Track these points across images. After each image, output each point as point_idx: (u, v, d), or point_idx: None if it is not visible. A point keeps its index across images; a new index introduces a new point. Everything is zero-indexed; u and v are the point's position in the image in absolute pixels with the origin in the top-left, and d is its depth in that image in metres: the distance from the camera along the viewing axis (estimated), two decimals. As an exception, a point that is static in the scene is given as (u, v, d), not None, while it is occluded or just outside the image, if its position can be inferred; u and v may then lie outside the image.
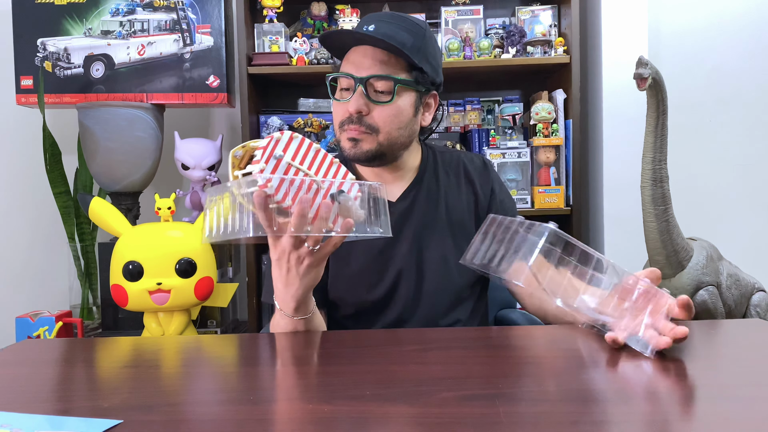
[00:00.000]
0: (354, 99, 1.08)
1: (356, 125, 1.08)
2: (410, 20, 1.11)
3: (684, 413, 0.63)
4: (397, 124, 1.10)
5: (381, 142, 1.10)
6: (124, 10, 2.05)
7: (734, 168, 2.29)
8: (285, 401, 0.70)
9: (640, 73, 1.45)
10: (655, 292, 0.82)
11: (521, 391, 0.69)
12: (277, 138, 0.84)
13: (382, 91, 1.08)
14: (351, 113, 1.08)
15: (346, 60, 1.12)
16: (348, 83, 1.10)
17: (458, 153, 1.29)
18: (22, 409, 0.65)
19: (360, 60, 1.09)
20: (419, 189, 1.19)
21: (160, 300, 1.68)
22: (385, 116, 1.09)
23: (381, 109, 1.08)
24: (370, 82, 1.07)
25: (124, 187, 2.02)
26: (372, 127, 1.09)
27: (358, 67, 1.08)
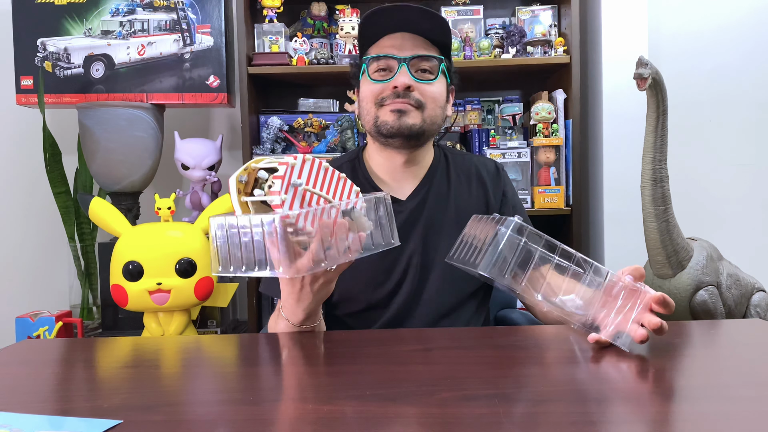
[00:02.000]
0: (401, 74, 1.11)
1: (404, 99, 1.11)
2: (439, 16, 1.15)
3: (684, 413, 0.63)
4: (438, 103, 1.15)
5: (425, 118, 1.13)
6: (124, 10, 2.05)
7: (734, 168, 2.29)
8: (285, 401, 0.70)
9: (640, 73, 1.45)
10: (637, 289, 0.83)
11: (521, 391, 0.69)
12: (292, 164, 0.83)
13: (425, 69, 1.13)
14: (399, 88, 1.11)
15: (380, 46, 1.15)
16: (387, 64, 1.13)
17: (471, 156, 1.30)
18: (22, 409, 0.65)
19: (400, 43, 1.13)
20: (429, 188, 1.21)
21: (160, 300, 1.68)
22: (430, 93, 1.13)
23: (426, 86, 1.13)
24: (414, 61, 1.12)
25: (124, 187, 2.02)
26: (419, 102, 1.12)
27: (399, 49, 1.13)
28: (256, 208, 0.85)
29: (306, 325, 0.96)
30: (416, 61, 1.12)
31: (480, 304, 1.22)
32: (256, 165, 0.85)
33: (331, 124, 2.15)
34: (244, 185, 0.85)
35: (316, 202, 0.85)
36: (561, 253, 0.84)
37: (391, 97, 1.12)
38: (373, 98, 1.14)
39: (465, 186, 1.23)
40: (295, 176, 0.83)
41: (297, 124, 2.15)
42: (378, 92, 1.14)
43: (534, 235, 0.84)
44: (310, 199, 0.85)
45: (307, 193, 0.84)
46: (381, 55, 1.13)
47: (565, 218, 2.08)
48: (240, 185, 0.85)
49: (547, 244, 0.84)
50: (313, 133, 2.18)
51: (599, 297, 0.84)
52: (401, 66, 1.11)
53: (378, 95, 1.14)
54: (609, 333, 0.82)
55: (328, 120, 2.16)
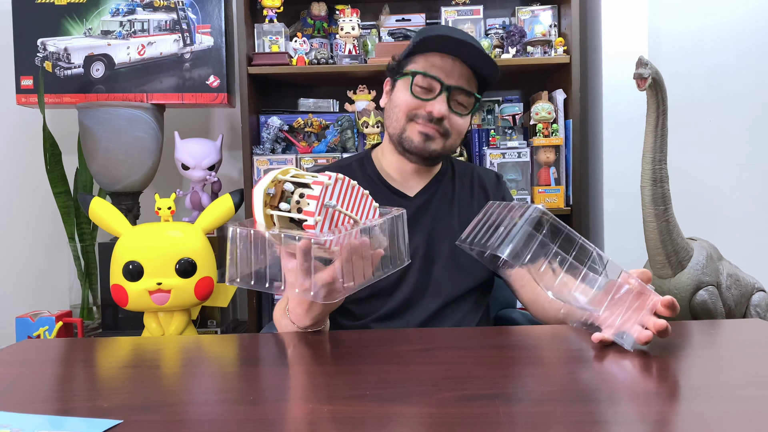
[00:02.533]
0: (440, 103, 1.15)
1: (435, 125, 1.16)
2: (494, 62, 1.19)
3: (684, 413, 0.63)
4: (462, 134, 1.22)
5: (446, 145, 1.20)
6: (124, 10, 2.05)
7: (734, 168, 2.29)
8: (285, 401, 0.70)
9: (640, 73, 1.45)
10: (644, 291, 0.84)
11: (521, 391, 0.69)
12: (328, 184, 0.82)
13: (462, 103, 1.18)
14: (435, 115, 1.15)
15: (429, 63, 1.17)
16: (429, 84, 1.16)
17: (473, 166, 1.37)
18: (22, 409, 0.65)
19: (450, 68, 1.16)
20: (437, 189, 1.27)
21: (160, 300, 1.68)
22: (459, 125, 1.19)
23: (457, 119, 1.18)
24: (456, 92, 1.16)
25: (124, 187, 2.02)
26: (446, 132, 1.18)
27: (447, 75, 1.15)
28: (280, 223, 0.85)
29: (312, 329, 0.97)
30: (457, 92, 1.16)
31: (480, 297, 1.25)
32: (283, 177, 0.85)
33: (331, 124, 2.15)
34: (271, 198, 0.85)
35: (343, 222, 0.86)
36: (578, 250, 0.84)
37: (423, 117, 1.16)
38: (406, 110, 1.18)
39: (467, 190, 1.30)
40: (328, 197, 0.83)
41: (297, 124, 2.15)
42: (413, 107, 1.17)
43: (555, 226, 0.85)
44: (338, 219, 0.85)
45: (336, 213, 0.85)
46: (427, 74, 1.15)
47: (565, 218, 2.08)
48: (267, 198, 0.84)
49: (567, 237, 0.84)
50: (313, 133, 2.18)
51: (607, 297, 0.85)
52: (442, 92, 1.15)
53: (412, 110, 1.17)
54: (612, 332, 0.83)
55: (328, 120, 2.16)
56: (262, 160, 2.06)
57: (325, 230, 0.82)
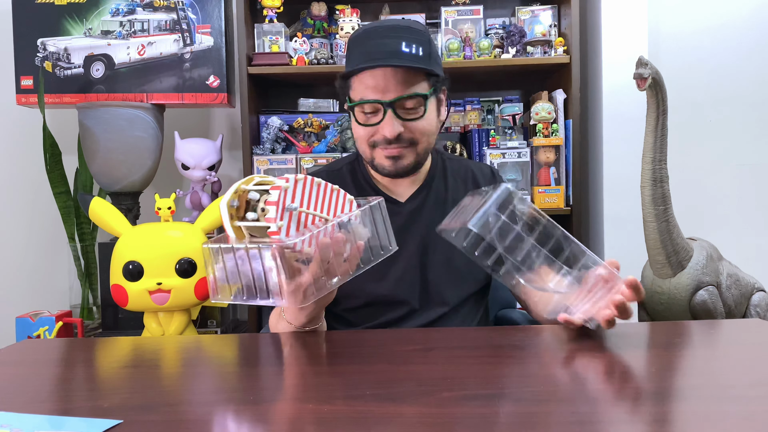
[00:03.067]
0: (388, 123, 1.08)
1: (395, 144, 1.10)
2: (414, 28, 1.11)
3: (684, 413, 0.63)
4: (430, 132, 1.14)
5: (419, 152, 1.14)
6: (124, 10, 2.05)
7: (734, 168, 2.29)
8: (285, 401, 0.70)
9: (640, 73, 1.45)
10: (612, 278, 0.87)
11: (521, 391, 0.69)
12: (285, 188, 0.81)
13: (411, 108, 1.10)
14: (389, 137, 1.09)
15: (363, 84, 1.10)
16: (373, 107, 1.10)
17: (467, 161, 1.32)
18: (22, 409, 0.65)
19: (384, 84, 1.08)
20: (428, 192, 1.22)
21: (160, 300, 1.68)
22: (420, 129, 1.12)
23: (415, 124, 1.11)
24: (399, 103, 1.08)
25: (124, 187, 2.02)
26: (411, 141, 1.12)
27: (383, 92, 1.08)
28: (251, 232, 0.84)
29: (308, 327, 0.97)
30: (401, 102, 1.08)
31: (479, 300, 1.24)
32: (246, 186, 0.84)
33: (331, 124, 2.15)
34: (236, 209, 0.84)
35: (312, 222, 0.84)
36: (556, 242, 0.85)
37: (382, 143, 1.11)
38: (365, 141, 1.13)
39: (462, 189, 1.24)
40: (289, 200, 0.81)
41: (297, 124, 2.15)
42: (368, 136, 1.12)
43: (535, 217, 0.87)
44: (305, 219, 0.83)
45: (302, 215, 0.83)
46: (364, 101, 1.09)
47: (565, 218, 2.08)
48: (232, 210, 0.83)
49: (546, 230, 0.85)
50: (313, 133, 2.18)
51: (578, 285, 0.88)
52: (387, 111, 1.08)
53: (370, 139, 1.12)
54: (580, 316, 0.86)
55: (328, 120, 2.16)
56: (262, 160, 2.06)
57: (292, 234, 0.81)
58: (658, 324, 1.03)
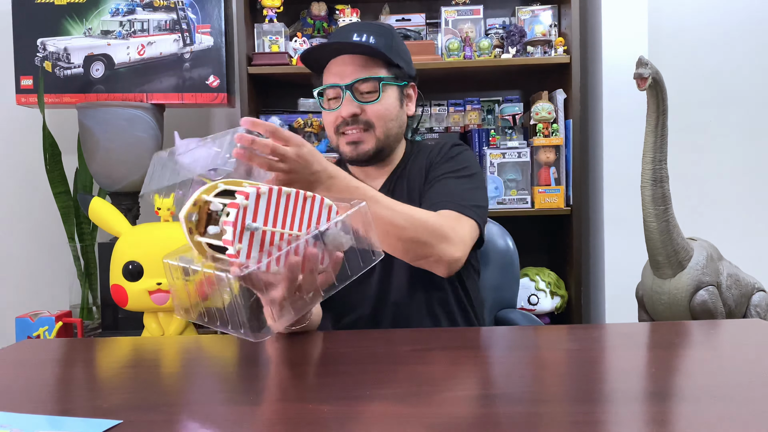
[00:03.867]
0: (344, 104, 1.16)
1: (353, 126, 1.17)
2: (376, 24, 1.20)
3: (684, 413, 0.63)
4: (389, 117, 1.19)
5: (378, 137, 1.18)
6: (124, 10, 2.05)
7: (734, 168, 2.29)
8: (285, 401, 0.70)
9: (640, 73, 1.45)
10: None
11: (521, 391, 0.69)
12: (244, 205, 0.71)
13: (368, 91, 1.17)
14: (345, 117, 1.16)
15: (328, 72, 1.20)
16: (335, 92, 1.18)
17: (434, 142, 1.36)
18: (22, 409, 0.65)
19: (341, 69, 1.17)
20: (399, 179, 1.24)
21: (160, 300, 1.68)
22: (376, 112, 1.17)
23: (371, 107, 1.17)
24: (355, 86, 1.16)
25: (124, 187, 2.02)
26: (368, 123, 1.17)
27: (341, 76, 1.17)
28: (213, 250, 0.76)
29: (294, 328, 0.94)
30: (357, 85, 1.16)
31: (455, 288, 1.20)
32: (207, 196, 0.75)
33: (331, 124, 2.14)
34: (196, 223, 0.76)
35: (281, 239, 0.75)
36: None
37: (343, 125, 1.17)
38: (331, 127, 1.20)
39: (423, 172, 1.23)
40: (249, 218, 0.72)
41: (297, 124, 2.15)
42: (333, 122, 1.19)
43: None
44: (272, 237, 0.74)
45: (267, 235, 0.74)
46: (325, 86, 1.19)
47: (565, 218, 2.08)
48: (191, 224, 0.76)
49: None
50: (313, 133, 2.17)
51: None
52: (345, 94, 1.16)
53: (334, 124, 1.19)
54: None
55: (328, 120, 2.15)
56: (262, 160, 2.06)
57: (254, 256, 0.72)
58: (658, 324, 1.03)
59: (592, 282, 2.20)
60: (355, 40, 1.17)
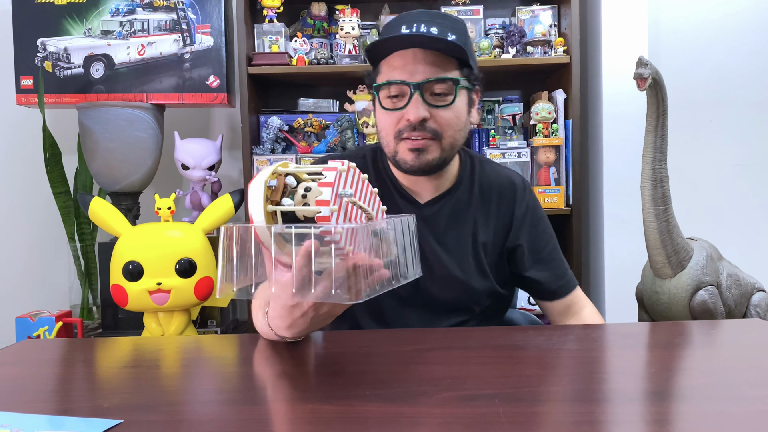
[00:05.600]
0: (413, 106, 1.01)
1: (420, 132, 1.02)
2: (450, 17, 1.07)
3: (684, 413, 0.63)
4: (458, 126, 1.06)
5: (444, 147, 1.05)
6: (124, 10, 2.05)
7: (734, 168, 2.29)
8: (285, 401, 0.70)
9: (640, 73, 1.45)
10: None
11: (521, 391, 0.69)
12: (341, 170, 0.72)
13: (440, 93, 1.03)
14: (413, 121, 1.01)
15: (390, 66, 1.04)
16: (399, 90, 1.03)
17: (498, 171, 1.20)
18: (22, 409, 0.65)
19: (412, 66, 1.01)
20: (450, 199, 1.14)
21: (160, 300, 1.68)
22: (447, 119, 1.04)
23: (443, 112, 1.03)
24: (427, 86, 1.02)
25: (124, 187, 2.02)
26: (436, 133, 1.03)
27: (411, 73, 1.02)
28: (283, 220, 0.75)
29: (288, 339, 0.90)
30: (430, 84, 1.02)
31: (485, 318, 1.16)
32: (284, 169, 0.75)
33: (331, 124, 2.14)
34: (272, 192, 0.74)
35: (356, 217, 0.75)
36: None
37: (407, 129, 1.03)
38: (390, 129, 1.05)
39: (485, 206, 1.15)
40: (342, 185, 0.72)
41: (297, 124, 2.15)
42: (393, 124, 1.04)
43: None
44: (352, 213, 0.74)
45: (350, 206, 0.74)
46: (390, 81, 1.03)
47: (565, 218, 2.08)
48: (268, 191, 0.73)
49: None
50: (313, 133, 2.18)
51: None
52: (414, 93, 1.01)
53: (394, 127, 1.04)
54: None
55: (328, 120, 2.15)
56: (262, 160, 2.06)
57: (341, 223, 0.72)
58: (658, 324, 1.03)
59: (592, 282, 2.20)
60: (432, 33, 1.01)
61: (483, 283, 1.12)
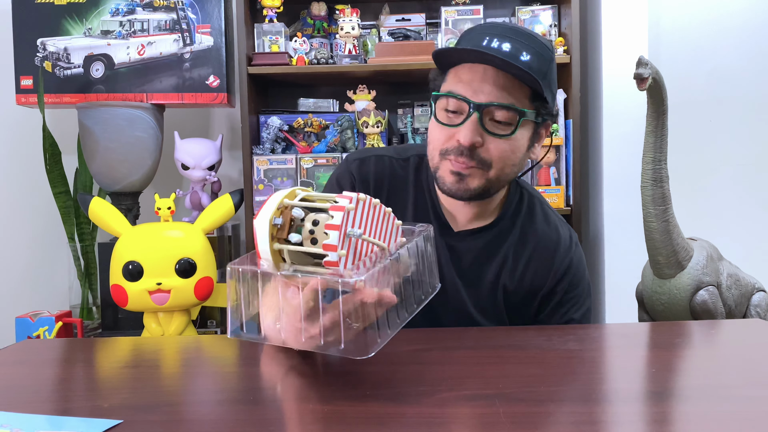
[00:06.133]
0: (468, 128, 0.93)
1: (466, 158, 0.94)
2: (539, 40, 0.96)
3: (684, 413, 0.63)
4: (512, 161, 0.97)
5: (490, 178, 0.97)
6: (124, 10, 2.05)
7: (734, 168, 2.29)
8: (285, 401, 0.70)
9: (640, 73, 1.45)
10: None
11: (521, 391, 0.69)
12: (349, 209, 0.68)
13: (501, 121, 0.94)
14: (463, 144, 0.93)
15: (457, 78, 0.96)
16: (458, 106, 0.95)
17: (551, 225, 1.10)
18: (22, 409, 0.65)
19: (479, 84, 0.93)
20: (485, 235, 1.06)
21: (160, 300, 1.68)
22: (501, 151, 0.95)
23: (498, 142, 0.94)
24: (488, 110, 0.93)
25: (124, 187, 2.02)
26: (484, 162, 0.95)
27: (475, 91, 0.93)
28: (291, 258, 0.71)
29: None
30: (492, 109, 0.93)
31: None
32: (290, 201, 0.71)
33: (331, 124, 2.14)
34: (279, 229, 0.70)
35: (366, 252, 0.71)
36: None
37: (454, 152, 0.95)
38: (437, 144, 0.97)
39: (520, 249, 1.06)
40: (350, 224, 0.68)
41: (297, 124, 2.15)
42: (443, 140, 0.96)
43: None
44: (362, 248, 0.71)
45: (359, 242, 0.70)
46: (450, 93, 0.95)
47: (565, 218, 2.08)
48: (273, 229, 0.70)
49: None
50: (313, 133, 2.17)
51: None
52: (471, 114, 0.92)
53: (443, 144, 0.96)
54: None
55: (328, 120, 2.15)
56: (262, 160, 2.06)
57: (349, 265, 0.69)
58: (658, 324, 1.03)
59: (592, 282, 2.21)
60: (505, 50, 0.92)
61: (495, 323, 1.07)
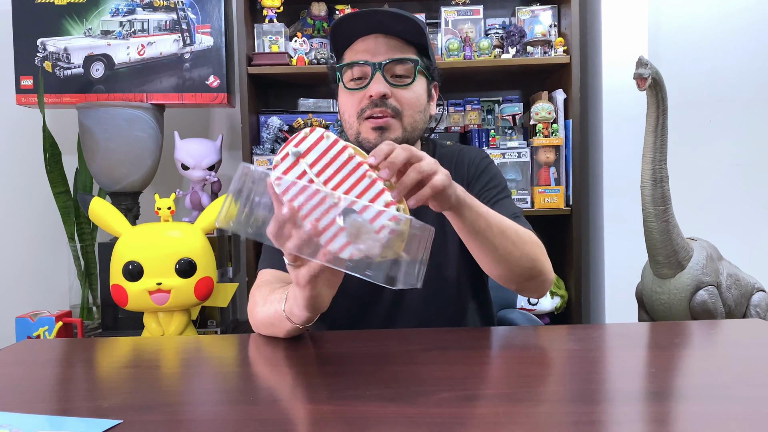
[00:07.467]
0: (376, 81, 1.06)
1: (381, 108, 1.06)
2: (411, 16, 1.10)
3: (684, 413, 0.63)
4: (417, 107, 1.10)
5: (405, 127, 1.08)
6: (124, 10, 2.05)
7: (734, 168, 2.29)
8: (285, 401, 0.70)
9: (640, 73, 1.45)
10: None
11: (521, 391, 0.69)
12: (305, 134, 0.74)
13: (401, 75, 1.09)
14: (374, 96, 1.06)
15: (353, 51, 1.10)
16: (362, 71, 1.08)
17: (459, 147, 1.25)
18: (22, 409, 0.65)
19: (374, 47, 1.08)
20: None
21: (160, 300, 1.68)
22: (408, 98, 1.08)
23: (403, 91, 1.08)
24: (388, 66, 1.07)
25: (124, 187, 2.02)
26: (396, 110, 1.07)
27: (373, 54, 1.08)
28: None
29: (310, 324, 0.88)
30: (391, 65, 1.07)
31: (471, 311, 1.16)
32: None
33: (331, 124, 2.14)
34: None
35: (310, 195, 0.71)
36: None
37: (369, 107, 1.07)
38: (352, 110, 1.09)
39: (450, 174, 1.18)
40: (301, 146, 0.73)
41: (297, 124, 2.15)
42: (356, 103, 1.09)
43: None
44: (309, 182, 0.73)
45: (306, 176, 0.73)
46: (353, 62, 1.08)
47: (565, 218, 2.08)
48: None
49: None
50: (313, 133, 2.17)
51: None
52: (375, 72, 1.07)
53: (357, 106, 1.08)
54: None
55: (328, 120, 2.15)
56: (262, 160, 2.06)
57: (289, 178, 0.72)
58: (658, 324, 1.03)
59: (592, 282, 2.20)
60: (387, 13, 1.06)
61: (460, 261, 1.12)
